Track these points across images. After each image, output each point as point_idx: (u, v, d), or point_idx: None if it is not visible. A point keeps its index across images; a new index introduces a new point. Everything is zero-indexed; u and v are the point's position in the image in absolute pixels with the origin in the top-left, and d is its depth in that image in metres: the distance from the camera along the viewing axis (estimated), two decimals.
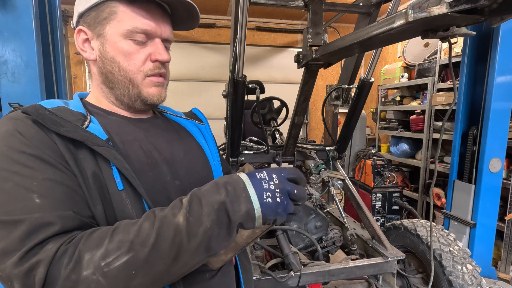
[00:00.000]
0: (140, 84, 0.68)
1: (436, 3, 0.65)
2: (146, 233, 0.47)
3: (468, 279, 1.52)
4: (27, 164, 0.50)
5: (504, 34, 2.10)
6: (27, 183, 0.49)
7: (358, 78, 1.75)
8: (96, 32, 0.66)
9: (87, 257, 0.45)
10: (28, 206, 0.48)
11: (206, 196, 0.52)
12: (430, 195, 1.66)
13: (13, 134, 0.53)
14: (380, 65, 4.93)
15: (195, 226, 0.49)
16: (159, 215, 0.50)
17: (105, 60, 0.66)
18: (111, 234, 0.48)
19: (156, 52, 0.67)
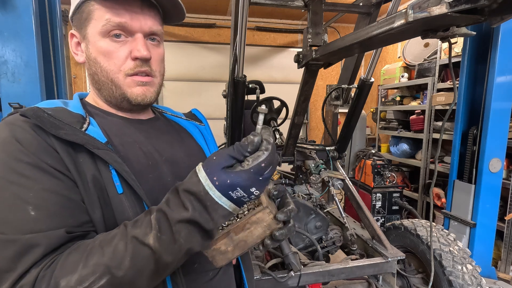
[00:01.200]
0: (123, 84, 0.65)
1: (436, 3, 0.65)
2: (120, 255, 0.46)
3: (468, 279, 1.52)
4: (24, 174, 0.49)
5: (504, 34, 2.10)
6: (23, 194, 0.48)
7: (358, 78, 1.75)
8: (82, 34, 0.65)
9: (63, 283, 0.44)
10: (23, 219, 0.47)
11: (173, 212, 0.48)
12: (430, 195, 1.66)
13: (11, 141, 0.51)
14: (380, 65, 4.93)
15: (169, 244, 0.47)
16: (129, 235, 0.47)
17: (90, 61, 0.65)
18: (86, 257, 0.46)
19: (134, 49, 0.63)
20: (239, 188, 0.48)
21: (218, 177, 0.48)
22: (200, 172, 0.50)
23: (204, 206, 0.48)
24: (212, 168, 0.49)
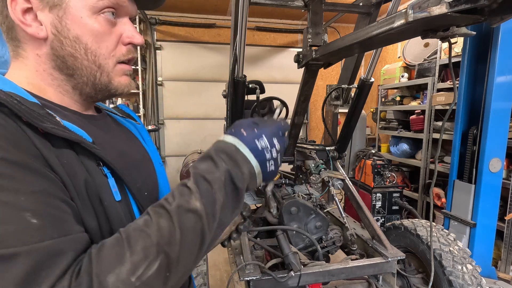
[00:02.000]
0: (111, 71, 0.56)
1: (436, 3, 0.65)
2: (168, 231, 0.42)
3: (468, 279, 1.52)
4: (9, 175, 0.38)
5: (504, 34, 2.10)
6: (14, 199, 0.37)
7: (358, 78, 1.75)
8: (49, 0, 0.50)
9: (112, 279, 0.37)
10: (25, 229, 0.37)
11: (210, 172, 0.48)
12: (430, 195, 1.66)
13: None
14: (380, 65, 4.93)
15: (212, 205, 0.46)
16: (171, 208, 0.44)
17: (64, 39, 0.51)
18: (129, 245, 0.40)
19: (129, 33, 0.56)
20: (264, 135, 0.52)
21: (244, 129, 0.52)
22: (226, 137, 0.53)
23: (234, 161, 0.50)
24: (237, 129, 0.53)
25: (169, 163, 5.68)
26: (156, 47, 5.37)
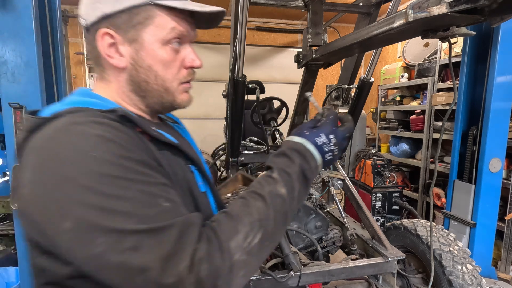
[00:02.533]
0: (175, 91, 0.66)
1: (436, 3, 0.65)
2: (264, 211, 0.55)
3: (468, 279, 1.52)
4: (139, 170, 0.49)
5: (504, 34, 2.10)
6: (148, 189, 0.48)
7: (358, 78, 1.75)
8: (128, 37, 0.60)
9: (233, 244, 0.49)
10: (163, 210, 0.48)
11: (288, 166, 0.61)
12: (430, 195, 1.66)
13: (110, 139, 0.49)
14: (380, 65, 4.93)
15: (292, 192, 0.59)
16: (264, 193, 0.57)
17: (139, 68, 0.61)
18: (238, 221, 0.52)
19: (190, 58, 0.66)
20: (322, 134, 0.66)
21: (307, 131, 0.67)
22: (293, 138, 0.68)
23: (304, 157, 0.63)
24: (300, 131, 0.68)
25: None
26: None
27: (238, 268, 0.49)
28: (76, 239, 0.44)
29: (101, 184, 0.45)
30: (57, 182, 0.46)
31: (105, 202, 0.45)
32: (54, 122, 0.52)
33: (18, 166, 0.53)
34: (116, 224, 0.44)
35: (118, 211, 0.45)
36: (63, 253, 0.47)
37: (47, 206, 0.46)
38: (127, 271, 0.44)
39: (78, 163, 0.46)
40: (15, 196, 0.52)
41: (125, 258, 0.43)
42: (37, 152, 0.50)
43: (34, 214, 0.48)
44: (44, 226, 0.47)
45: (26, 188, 0.49)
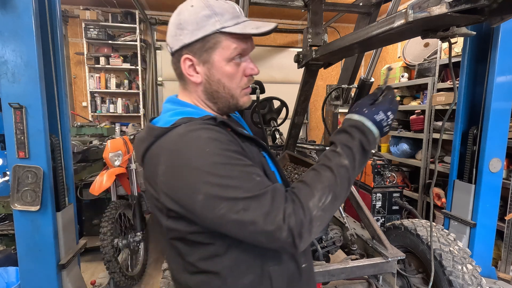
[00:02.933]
0: (238, 96, 0.83)
1: (436, 3, 0.65)
2: (332, 179, 0.69)
3: (468, 279, 1.52)
4: (237, 157, 0.68)
5: (504, 34, 2.09)
6: (245, 169, 0.68)
7: (358, 78, 1.75)
8: (202, 59, 0.78)
9: (311, 204, 0.66)
10: (258, 183, 0.67)
11: (348, 141, 0.75)
12: (430, 195, 1.66)
13: (216, 138, 0.69)
14: (380, 65, 4.93)
15: (353, 162, 0.73)
16: (331, 165, 0.71)
17: (212, 82, 0.80)
18: (313, 187, 0.68)
19: (249, 67, 0.82)
20: (380, 111, 0.77)
21: (366, 109, 0.78)
22: (352, 115, 0.79)
23: (363, 132, 0.76)
24: (359, 108, 0.79)
25: None
26: (156, 47, 5.36)
27: (316, 220, 0.66)
28: (206, 206, 0.65)
29: (216, 169, 0.65)
30: (188, 171, 0.66)
31: (221, 180, 0.65)
32: (175, 130, 0.72)
33: (149, 162, 0.75)
34: (231, 194, 0.64)
35: (231, 185, 0.65)
36: (197, 217, 0.68)
37: (184, 187, 0.67)
38: (241, 224, 0.64)
39: (199, 157, 0.66)
40: (153, 182, 0.73)
41: (239, 216, 0.64)
42: (169, 152, 0.70)
43: (174, 193, 0.68)
44: (184, 200, 0.67)
45: (164, 177, 0.69)
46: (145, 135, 0.77)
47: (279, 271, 0.78)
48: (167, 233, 0.76)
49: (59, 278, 1.92)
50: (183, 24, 0.77)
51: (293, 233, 0.63)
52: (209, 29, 0.75)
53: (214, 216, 0.65)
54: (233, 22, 0.77)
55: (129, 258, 2.77)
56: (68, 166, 2.09)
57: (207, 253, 0.74)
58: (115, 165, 2.66)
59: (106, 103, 5.24)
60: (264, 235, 0.64)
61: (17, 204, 1.75)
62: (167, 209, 0.72)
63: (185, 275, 0.79)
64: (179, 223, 0.72)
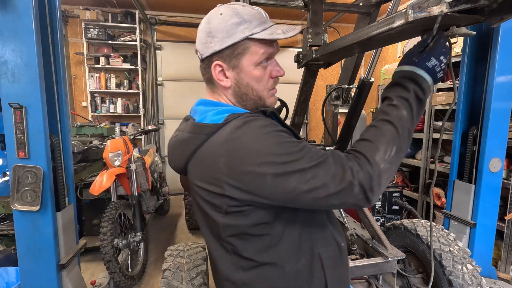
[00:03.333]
0: (265, 97, 0.87)
1: (436, 3, 0.65)
2: (394, 131, 0.71)
3: (468, 279, 1.52)
4: (291, 137, 0.74)
5: (504, 34, 2.09)
6: (301, 144, 0.72)
7: (358, 78, 1.75)
8: (231, 64, 0.82)
9: (377, 158, 0.68)
10: (316, 151, 0.72)
11: (403, 93, 0.75)
12: (430, 195, 1.66)
13: (270, 124, 0.75)
14: (380, 65, 4.93)
15: (411, 112, 0.74)
16: (391, 118, 0.72)
17: (241, 86, 0.84)
18: (377, 141, 0.70)
19: (275, 70, 0.86)
20: (432, 57, 0.74)
21: (415, 58, 0.75)
22: (402, 67, 0.77)
23: (416, 82, 0.74)
24: (409, 58, 0.77)
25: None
26: (156, 47, 5.36)
27: (384, 173, 0.69)
28: (277, 184, 0.69)
29: (277, 148, 0.70)
30: (251, 155, 0.70)
31: (284, 157, 0.69)
32: (230, 124, 0.75)
33: (203, 159, 0.77)
34: (297, 167, 0.68)
35: (294, 159, 0.69)
36: (268, 197, 0.71)
37: (251, 171, 0.70)
38: (314, 192, 0.68)
39: (259, 141, 0.71)
40: (211, 178, 0.75)
41: (310, 185, 0.68)
42: (229, 143, 0.72)
43: (241, 180, 0.71)
44: (252, 185, 0.70)
45: (227, 168, 0.71)
46: (192, 135, 0.80)
47: (326, 252, 0.84)
48: (223, 232, 0.79)
49: (59, 278, 1.92)
50: (213, 32, 0.80)
51: (364, 187, 0.67)
52: (238, 36, 0.78)
53: (286, 191, 0.69)
54: (261, 28, 0.80)
55: (129, 258, 2.77)
56: (68, 166, 2.09)
57: (264, 244, 0.78)
58: (115, 165, 2.66)
59: (106, 103, 5.23)
60: (337, 195, 0.68)
61: (17, 204, 1.75)
62: (228, 203, 0.74)
63: (240, 272, 0.81)
64: (238, 217, 0.76)
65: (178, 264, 1.60)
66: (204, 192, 0.79)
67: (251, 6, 0.84)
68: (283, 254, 0.79)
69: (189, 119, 0.89)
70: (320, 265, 0.82)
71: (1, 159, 2.48)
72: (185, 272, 1.56)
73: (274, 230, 0.78)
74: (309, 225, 0.83)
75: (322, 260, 0.82)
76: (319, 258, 0.82)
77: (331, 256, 0.85)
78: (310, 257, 0.82)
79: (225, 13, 0.80)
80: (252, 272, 0.80)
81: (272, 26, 0.82)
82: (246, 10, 0.81)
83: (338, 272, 0.87)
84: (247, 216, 0.75)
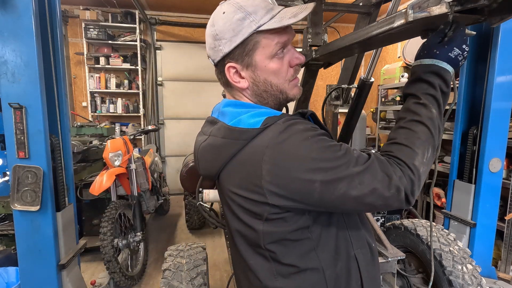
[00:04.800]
0: (287, 90, 0.82)
1: (436, 3, 0.65)
2: (427, 132, 0.71)
3: (468, 279, 1.52)
4: (331, 140, 0.72)
5: (504, 34, 2.09)
6: (344, 148, 0.70)
7: (358, 78, 1.75)
8: (245, 63, 0.77)
9: (416, 162, 0.68)
10: (359, 156, 0.70)
11: (429, 89, 0.73)
12: (430, 195, 1.66)
13: (312, 128, 0.73)
14: (380, 65, 4.93)
15: (440, 108, 0.73)
16: (422, 118, 0.71)
17: (259, 83, 0.79)
18: (412, 145, 0.70)
19: (294, 57, 0.80)
20: (454, 47, 0.71)
21: (436, 50, 0.72)
22: (423, 60, 0.74)
23: (440, 75, 0.72)
24: (428, 51, 0.74)
25: (169, 163, 5.67)
26: (156, 47, 5.36)
27: (423, 175, 0.70)
28: (325, 191, 0.67)
29: (323, 154, 0.68)
30: (297, 162, 0.67)
31: (331, 163, 0.67)
32: (271, 128, 0.71)
33: (242, 166, 0.74)
34: (345, 173, 0.66)
35: (340, 165, 0.67)
36: (314, 204, 0.70)
37: (297, 178, 0.67)
38: (362, 197, 0.67)
39: (304, 146, 0.68)
40: (251, 185, 0.72)
41: (358, 191, 0.66)
42: (272, 149, 0.69)
43: (287, 188, 0.68)
44: (299, 192, 0.68)
45: (271, 175, 0.68)
46: (228, 140, 0.75)
47: (361, 253, 0.83)
48: (263, 239, 0.76)
49: (59, 278, 1.92)
50: (220, 34, 0.75)
51: (407, 192, 0.67)
52: (246, 32, 0.73)
53: (334, 198, 0.68)
54: (268, 16, 0.73)
55: (129, 258, 2.77)
56: (68, 166, 2.09)
57: (304, 249, 0.76)
58: (115, 165, 2.66)
59: (106, 103, 5.23)
60: (383, 200, 0.67)
61: (17, 204, 1.75)
62: (270, 211, 0.72)
63: (280, 280, 0.78)
64: (279, 224, 0.73)
65: (178, 264, 1.60)
66: (241, 200, 0.75)
67: None
68: (323, 258, 0.77)
69: (215, 122, 0.82)
70: (356, 267, 0.82)
71: (1, 159, 2.48)
72: (185, 272, 1.56)
73: (313, 234, 0.76)
74: (344, 227, 0.82)
75: (358, 262, 0.82)
76: (355, 260, 0.82)
77: (366, 258, 0.85)
78: (347, 259, 0.81)
79: (227, 11, 0.74)
80: (293, 279, 0.78)
81: (281, 11, 0.75)
82: (249, 1, 0.74)
83: (371, 273, 0.86)
84: (288, 221, 0.73)
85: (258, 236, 0.76)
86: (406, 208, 0.73)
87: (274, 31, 0.74)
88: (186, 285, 1.50)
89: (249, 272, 0.83)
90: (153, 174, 3.62)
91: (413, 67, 0.76)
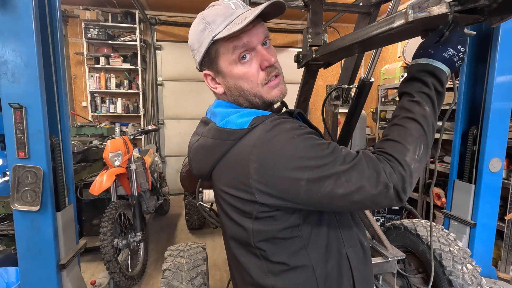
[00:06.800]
0: (262, 93, 0.80)
1: (436, 3, 0.65)
2: (419, 129, 0.70)
3: (468, 279, 1.52)
4: (318, 138, 0.72)
5: (504, 34, 2.09)
6: (332, 145, 0.70)
7: (358, 78, 1.75)
8: (215, 70, 0.81)
9: (408, 158, 0.67)
10: (347, 154, 0.70)
11: (422, 88, 0.73)
12: (430, 195, 1.66)
13: (299, 126, 0.73)
14: (380, 65, 4.93)
15: (433, 106, 0.73)
16: (415, 116, 0.71)
17: (231, 89, 0.81)
18: (404, 141, 0.69)
19: (262, 59, 0.78)
20: (449, 48, 0.71)
21: (431, 49, 0.72)
22: (418, 60, 0.74)
23: (433, 74, 0.72)
24: (424, 50, 0.74)
25: (169, 163, 5.67)
26: (156, 47, 5.36)
27: (415, 172, 0.68)
28: (311, 189, 0.67)
29: (309, 152, 0.68)
30: (284, 160, 0.68)
31: (317, 161, 0.67)
32: (258, 128, 0.72)
33: (230, 165, 0.75)
34: (331, 171, 0.66)
35: (327, 163, 0.67)
36: (301, 202, 0.70)
37: (284, 177, 0.68)
38: (349, 195, 0.66)
39: (290, 145, 0.69)
40: (239, 184, 0.73)
41: (345, 188, 0.66)
42: (259, 149, 0.69)
43: (274, 187, 0.69)
44: (286, 191, 0.69)
45: (258, 174, 0.69)
46: (217, 141, 0.77)
47: (353, 252, 0.84)
48: (253, 237, 0.77)
49: (59, 278, 1.92)
50: (192, 46, 0.82)
51: (397, 189, 0.66)
52: (206, 42, 0.77)
53: (321, 196, 0.68)
54: (224, 24, 0.74)
55: (129, 258, 2.77)
56: (68, 166, 2.09)
57: (294, 247, 0.76)
58: (115, 165, 2.66)
59: (106, 103, 5.23)
60: (372, 198, 0.67)
61: (17, 204, 1.75)
62: (258, 209, 0.73)
63: (271, 277, 0.79)
64: (268, 222, 0.74)
65: (178, 264, 1.60)
66: (231, 198, 0.77)
67: (226, 2, 0.78)
68: (313, 256, 0.78)
69: (208, 122, 0.85)
70: (348, 266, 0.82)
71: (1, 159, 2.48)
72: (185, 272, 1.56)
73: (303, 232, 0.77)
74: (336, 226, 0.83)
75: (349, 261, 0.82)
76: (347, 259, 0.82)
77: (357, 256, 0.85)
78: (338, 258, 0.81)
79: (195, 23, 0.80)
80: (283, 276, 0.78)
81: (239, 16, 0.74)
82: (212, 10, 0.77)
83: (363, 272, 0.87)
84: (278, 220, 0.74)
85: (248, 234, 0.77)
86: (398, 206, 0.72)
87: (229, 38, 0.75)
88: (186, 285, 1.50)
89: (242, 270, 0.84)
90: (153, 174, 3.62)
91: (409, 67, 0.77)
